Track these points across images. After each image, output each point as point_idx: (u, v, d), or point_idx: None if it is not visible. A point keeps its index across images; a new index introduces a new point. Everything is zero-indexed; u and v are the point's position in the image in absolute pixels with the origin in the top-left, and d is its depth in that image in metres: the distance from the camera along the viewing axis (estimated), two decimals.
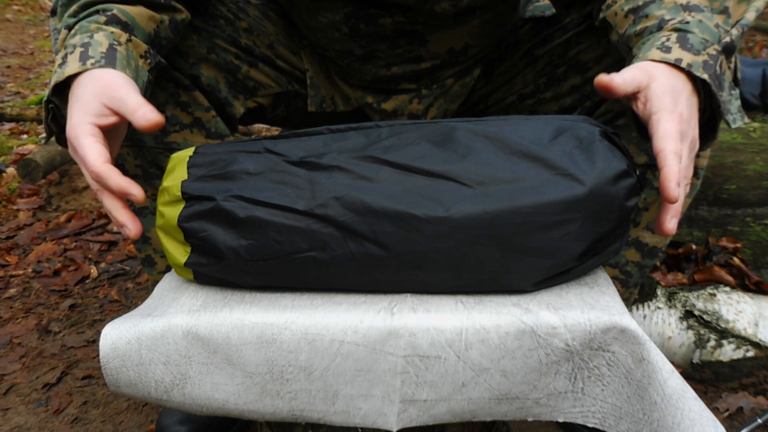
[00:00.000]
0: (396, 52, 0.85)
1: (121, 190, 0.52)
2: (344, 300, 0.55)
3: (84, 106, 0.55)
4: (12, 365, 1.21)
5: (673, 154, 0.49)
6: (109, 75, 0.57)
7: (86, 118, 0.54)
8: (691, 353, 1.10)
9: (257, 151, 0.57)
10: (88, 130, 0.54)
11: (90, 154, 0.53)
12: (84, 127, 0.54)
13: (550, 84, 0.84)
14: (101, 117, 0.55)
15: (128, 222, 0.55)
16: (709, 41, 0.55)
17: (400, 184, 0.53)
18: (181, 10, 0.72)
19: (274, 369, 0.53)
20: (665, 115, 0.51)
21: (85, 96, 0.56)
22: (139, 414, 1.08)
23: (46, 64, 4.08)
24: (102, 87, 0.56)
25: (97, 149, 0.53)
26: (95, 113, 0.55)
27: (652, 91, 0.52)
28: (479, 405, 0.52)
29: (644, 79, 0.52)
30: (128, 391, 0.56)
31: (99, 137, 0.54)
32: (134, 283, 1.52)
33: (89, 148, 0.53)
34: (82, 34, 0.60)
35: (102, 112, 0.55)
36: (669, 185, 0.48)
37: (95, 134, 0.54)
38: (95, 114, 0.55)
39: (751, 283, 1.18)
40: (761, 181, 1.24)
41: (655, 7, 0.60)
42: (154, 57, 0.66)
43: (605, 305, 0.53)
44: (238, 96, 0.84)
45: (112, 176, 0.52)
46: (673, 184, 0.48)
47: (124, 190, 0.52)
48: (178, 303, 0.57)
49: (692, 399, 0.50)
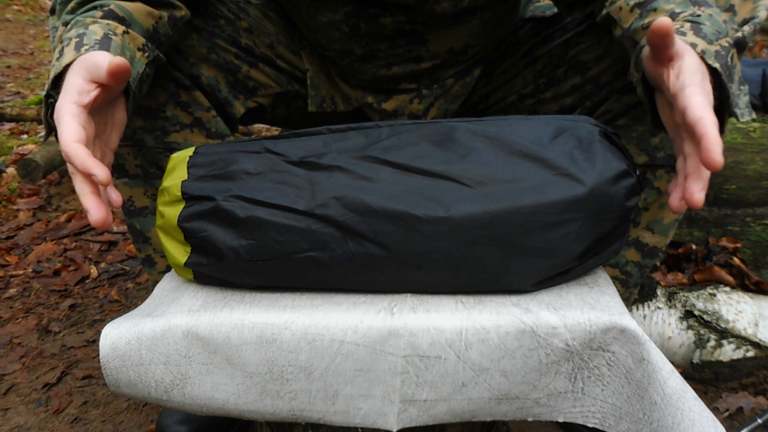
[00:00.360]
0: (396, 52, 0.85)
1: (84, 170, 0.50)
2: (344, 300, 0.55)
3: (67, 87, 0.54)
4: (12, 365, 1.21)
5: (714, 123, 0.47)
6: (96, 54, 0.55)
7: (67, 98, 0.53)
8: (691, 353, 1.10)
9: (257, 151, 0.57)
10: (68, 109, 0.53)
11: (63, 132, 0.51)
12: (64, 107, 0.53)
13: (550, 84, 0.84)
14: (83, 94, 0.54)
15: (92, 208, 0.52)
16: (720, 34, 0.55)
17: (400, 184, 0.53)
18: (180, 6, 0.72)
19: (274, 369, 0.53)
20: (698, 89, 0.49)
21: (69, 78, 0.55)
22: (139, 414, 1.08)
23: (46, 64, 4.08)
24: (82, 62, 0.55)
25: (70, 128, 0.51)
26: (76, 91, 0.53)
27: (686, 64, 0.51)
28: (479, 405, 0.52)
29: (681, 50, 0.51)
30: (128, 391, 0.56)
31: (79, 116, 0.53)
32: (134, 283, 1.52)
33: (63, 126, 0.52)
34: (77, 28, 0.60)
35: (83, 87, 0.54)
36: (716, 149, 0.46)
37: (75, 113, 0.53)
38: (76, 92, 0.53)
39: (751, 283, 1.18)
40: (761, 181, 1.24)
41: (664, 1, 0.59)
42: (153, 51, 0.66)
43: (605, 305, 0.53)
44: (239, 96, 0.84)
45: (79, 155, 0.50)
46: (720, 149, 0.46)
47: (88, 170, 0.50)
48: (178, 303, 0.57)
49: (692, 399, 0.50)
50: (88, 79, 0.54)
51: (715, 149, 0.46)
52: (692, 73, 0.50)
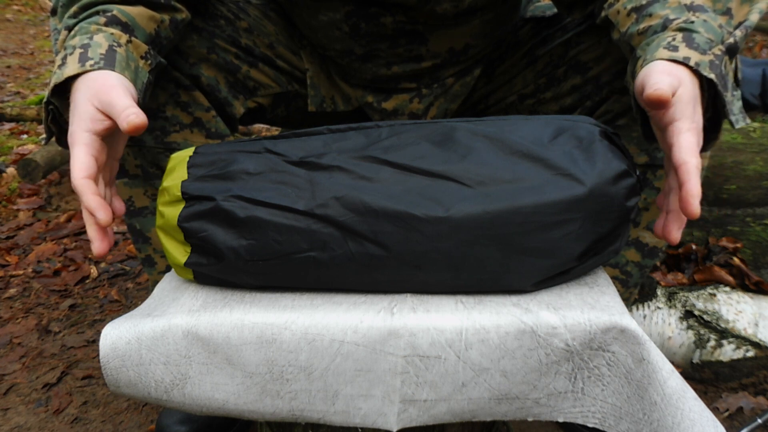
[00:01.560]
0: (396, 52, 0.85)
1: (89, 209, 0.53)
2: (344, 300, 0.55)
3: (79, 112, 0.55)
4: (12, 365, 1.21)
5: (696, 169, 0.48)
6: (104, 77, 0.57)
7: (82, 125, 0.55)
8: (691, 353, 1.10)
9: (257, 151, 0.57)
10: (82, 139, 0.54)
11: (74, 166, 0.53)
12: (78, 135, 0.54)
13: (551, 84, 0.84)
14: (96, 122, 0.55)
15: (95, 240, 0.55)
16: (714, 41, 0.55)
17: (400, 184, 0.53)
18: (181, 9, 0.72)
19: (274, 369, 0.53)
20: (686, 124, 0.50)
21: (81, 101, 0.56)
22: (139, 414, 1.08)
23: (46, 64, 4.08)
24: (95, 90, 0.56)
25: (81, 161, 0.53)
26: (89, 118, 0.55)
27: (678, 97, 0.51)
28: (479, 405, 0.52)
29: (676, 84, 0.51)
30: (128, 391, 0.56)
31: (92, 146, 0.54)
32: (134, 283, 1.52)
33: (75, 159, 0.54)
34: (81, 35, 0.60)
35: (96, 116, 0.55)
36: (694, 201, 0.48)
37: (88, 143, 0.54)
38: (90, 119, 0.55)
39: (751, 283, 1.18)
40: (761, 181, 1.24)
41: (659, 7, 0.60)
42: (155, 57, 0.66)
43: (605, 305, 0.53)
44: (238, 96, 0.84)
45: (86, 193, 0.53)
46: (697, 201, 0.48)
47: (92, 210, 0.53)
48: (178, 303, 0.57)
49: (692, 399, 0.50)
50: (101, 110, 0.55)
51: (693, 201, 0.48)
52: (684, 106, 0.51)
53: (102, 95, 0.55)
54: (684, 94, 0.51)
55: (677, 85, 0.51)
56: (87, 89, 0.56)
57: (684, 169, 0.48)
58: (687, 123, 0.50)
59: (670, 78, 0.51)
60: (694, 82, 0.53)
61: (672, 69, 0.52)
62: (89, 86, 0.56)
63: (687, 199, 0.48)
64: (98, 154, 0.55)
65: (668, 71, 0.52)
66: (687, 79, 0.52)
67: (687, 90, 0.52)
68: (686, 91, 0.51)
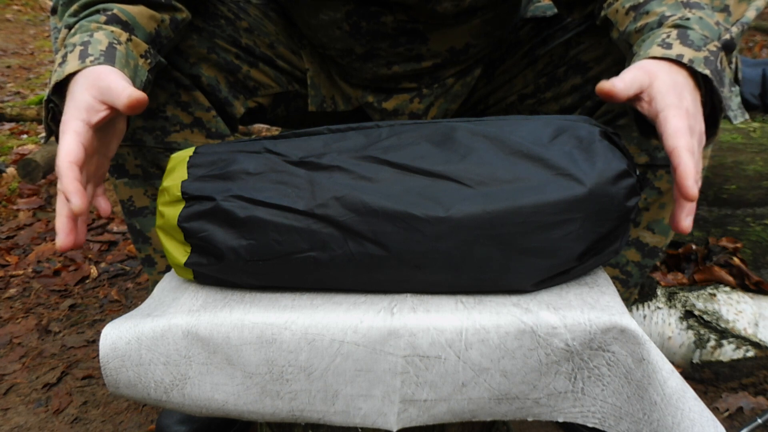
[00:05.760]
0: (397, 51, 0.85)
1: (65, 192, 0.51)
2: (344, 300, 0.55)
3: (76, 102, 0.54)
4: (12, 365, 1.21)
5: (687, 151, 0.48)
6: (102, 68, 0.56)
7: (76, 114, 0.54)
8: (691, 353, 1.10)
9: (257, 151, 0.57)
10: (73, 127, 0.53)
11: (61, 148, 0.52)
12: (70, 124, 0.53)
13: (551, 84, 0.84)
14: (92, 112, 0.54)
15: (61, 231, 0.53)
16: (709, 38, 0.55)
17: (400, 184, 0.53)
18: (181, 9, 0.72)
19: (274, 369, 0.53)
20: (672, 111, 0.50)
21: (78, 92, 0.55)
22: (139, 414, 1.08)
23: (46, 64, 4.08)
24: (93, 80, 0.55)
25: (68, 146, 0.52)
26: (85, 108, 0.54)
27: (656, 89, 0.51)
28: (479, 405, 0.52)
29: (645, 79, 0.52)
30: (127, 392, 0.56)
31: (82, 135, 0.53)
32: (134, 283, 1.52)
33: (63, 144, 0.52)
34: (82, 33, 0.60)
35: (93, 106, 0.54)
36: (687, 183, 0.47)
37: (79, 131, 0.53)
38: (85, 109, 0.54)
39: (751, 283, 1.18)
40: (761, 181, 1.24)
41: (656, 4, 0.60)
42: (155, 57, 0.66)
43: (605, 305, 0.53)
44: (239, 96, 0.84)
45: (67, 176, 0.51)
46: (691, 181, 0.47)
47: (67, 193, 0.51)
48: (178, 303, 0.57)
49: (692, 399, 0.50)
50: (99, 99, 0.55)
51: (686, 183, 0.47)
52: (663, 95, 0.51)
53: (100, 82, 0.55)
54: (660, 85, 0.51)
55: (645, 79, 0.52)
56: (85, 80, 0.55)
57: (675, 153, 0.48)
58: (672, 110, 0.50)
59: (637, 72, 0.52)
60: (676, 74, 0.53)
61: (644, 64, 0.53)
62: (87, 77, 0.56)
63: (680, 182, 0.48)
64: (88, 144, 0.54)
65: (639, 66, 0.53)
66: (663, 71, 0.52)
67: (663, 81, 0.52)
68: (662, 82, 0.51)
